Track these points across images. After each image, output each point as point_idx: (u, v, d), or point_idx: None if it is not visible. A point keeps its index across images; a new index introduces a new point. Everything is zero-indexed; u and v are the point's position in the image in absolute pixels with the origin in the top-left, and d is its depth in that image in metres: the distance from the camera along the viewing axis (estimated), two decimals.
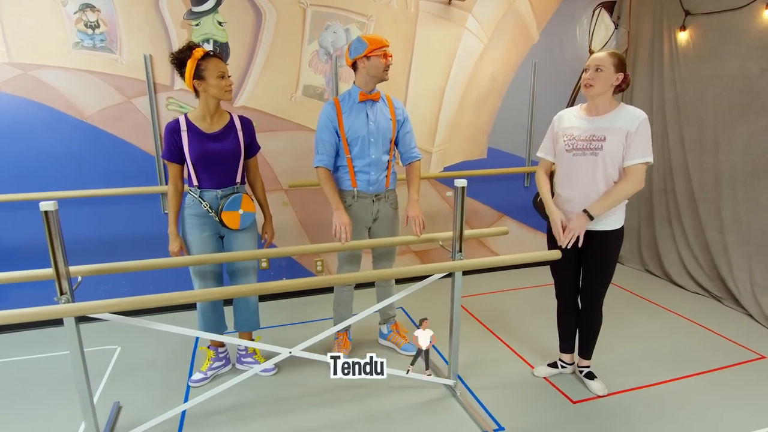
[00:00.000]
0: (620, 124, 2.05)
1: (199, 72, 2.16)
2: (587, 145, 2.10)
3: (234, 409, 2.27)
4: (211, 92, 2.19)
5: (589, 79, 2.07)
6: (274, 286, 1.87)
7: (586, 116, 2.15)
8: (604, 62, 2.05)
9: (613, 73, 2.05)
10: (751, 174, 3.17)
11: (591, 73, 2.07)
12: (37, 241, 3.00)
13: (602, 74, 2.05)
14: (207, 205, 2.28)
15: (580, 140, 2.12)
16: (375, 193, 2.50)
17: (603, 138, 2.07)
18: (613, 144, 2.05)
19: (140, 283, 3.24)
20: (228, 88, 2.22)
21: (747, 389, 2.40)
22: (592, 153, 2.09)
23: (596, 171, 2.10)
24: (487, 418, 2.19)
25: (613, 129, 2.06)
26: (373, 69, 2.33)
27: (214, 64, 2.17)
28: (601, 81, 2.05)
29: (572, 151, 2.14)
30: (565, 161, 2.18)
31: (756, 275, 3.15)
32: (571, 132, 2.15)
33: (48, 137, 2.93)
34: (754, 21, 3.07)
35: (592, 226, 2.16)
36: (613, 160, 2.08)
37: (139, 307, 1.70)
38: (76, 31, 2.85)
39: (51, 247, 1.65)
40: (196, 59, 2.14)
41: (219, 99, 2.23)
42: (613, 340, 2.85)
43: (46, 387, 2.47)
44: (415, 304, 3.36)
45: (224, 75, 2.20)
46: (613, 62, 2.05)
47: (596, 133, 2.09)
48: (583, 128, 2.13)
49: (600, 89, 2.07)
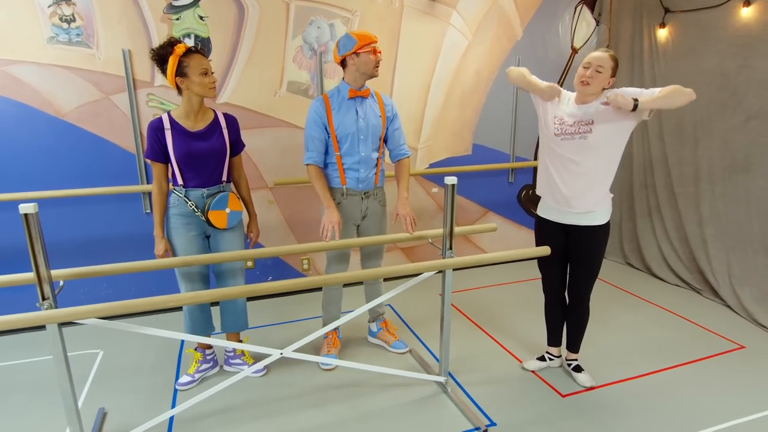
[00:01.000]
0: (607, 108, 2.06)
1: (181, 69, 2.10)
2: (576, 130, 2.12)
3: (224, 412, 2.24)
4: (194, 89, 2.14)
5: (588, 78, 2.08)
6: (263, 288, 1.84)
7: (574, 105, 2.18)
8: (605, 64, 2.07)
9: (609, 76, 2.09)
10: (728, 169, 3.25)
11: (591, 72, 2.08)
12: (12, 243, 2.89)
13: (600, 75, 2.07)
14: (193, 205, 2.23)
15: (569, 125, 2.15)
16: (364, 190, 2.48)
17: (591, 122, 2.09)
18: (601, 127, 2.07)
19: (122, 285, 3.16)
20: (212, 85, 2.17)
21: (729, 379, 2.47)
22: (581, 137, 2.11)
23: (585, 154, 2.11)
24: (478, 414, 2.21)
25: (598, 112, 2.08)
26: (362, 66, 2.31)
27: (197, 61, 2.11)
28: (598, 81, 2.08)
29: (561, 135, 2.16)
30: (552, 146, 2.20)
31: (733, 267, 3.24)
32: (563, 117, 2.17)
33: (22, 135, 2.82)
34: (731, 19, 3.14)
35: (578, 221, 2.19)
36: (602, 143, 2.08)
37: (128, 312, 1.65)
38: (50, 25, 2.75)
39: (32, 251, 1.59)
40: (178, 56, 2.08)
41: (203, 96, 2.18)
42: (598, 333, 2.90)
43: (26, 394, 2.39)
44: (403, 302, 3.36)
45: (207, 72, 2.14)
46: (612, 66, 2.08)
47: (584, 118, 2.11)
48: (573, 114, 2.16)
49: (595, 89, 2.10)
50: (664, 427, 2.12)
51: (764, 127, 3.02)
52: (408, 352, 2.74)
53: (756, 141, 3.07)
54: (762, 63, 2.99)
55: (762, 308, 3.03)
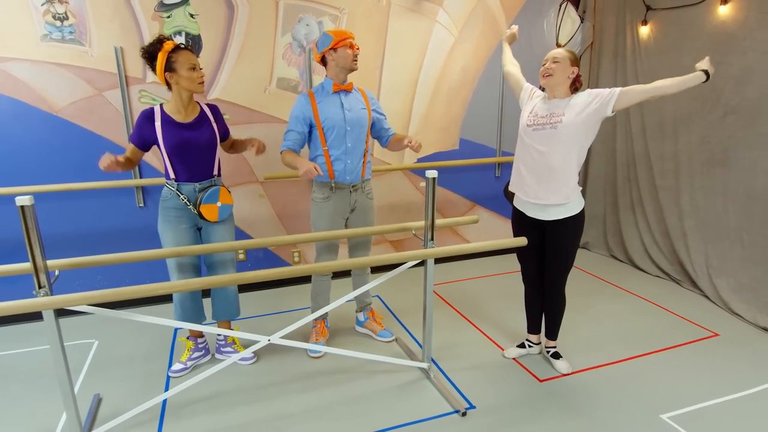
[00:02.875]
0: (577, 101, 2.19)
1: (170, 64, 2.18)
2: (547, 120, 2.23)
3: (215, 398, 2.33)
4: (183, 84, 2.21)
5: (548, 69, 2.20)
6: (252, 275, 1.92)
7: (548, 100, 2.28)
8: (560, 55, 2.20)
9: (569, 65, 2.19)
10: (707, 163, 3.34)
11: (549, 64, 2.21)
12: (8, 236, 2.96)
13: (559, 65, 2.18)
14: (185, 198, 2.31)
15: (541, 116, 2.25)
16: (352, 183, 2.56)
17: (562, 113, 2.20)
18: (572, 116, 2.17)
19: (116, 276, 3.23)
20: (200, 80, 2.25)
21: (701, 364, 2.57)
22: (552, 127, 2.21)
23: (553, 145, 2.21)
24: (459, 398, 2.30)
25: (570, 105, 2.20)
26: (341, 60, 2.40)
27: (185, 57, 2.19)
28: (558, 71, 2.18)
29: (533, 126, 2.27)
30: (523, 137, 2.31)
31: (711, 258, 3.34)
32: (537, 111, 2.29)
33: (17, 131, 2.88)
34: (710, 16, 3.23)
35: (550, 216, 2.28)
36: (571, 134, 2.18)
37: (120, 299, 1.73)
38: (44, 23, 2.81)
39: (28, 241, 1.66)
40: (167, 52, 2.16)
41: (191, 91, 2.26)
42: (578, 322, 3.00)
43: (23, 382, 2.47)
44: (391, 293, 3.45)
45: (195, 67, 2.23)
46: (569, 56, 2.20)
47: (555, 111, 2.22)
48: (544, 107, 2.27)
49: (558, 79, 2.19)
50: (633, 408, 2.22)
51: (741, 123, 3.11)
52: (394, 341, 2.83)
53: (733, 136, 3.16)
54: (738, 60, 3.08)
55: (738, 297, 3.14)
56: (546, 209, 2.30)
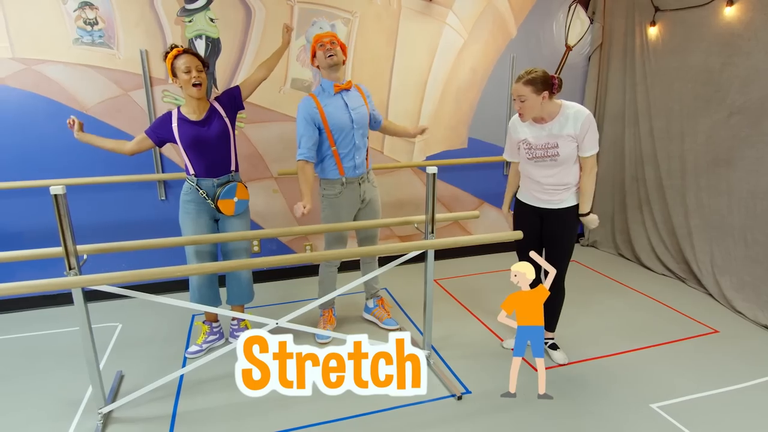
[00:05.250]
0: (568, 130, 2.26)
1: (173, 70, 2.36)
2: (545, 153, 2.32)
3: (227, 377, 2.49)
4: (182, 86, 2.38)
5: (519, 110, 2.28)
6: (263, 261, 2.07)
7: (536, 125, 2.35)
8: (524, 92, 2.20)
9: (536, 97, 2.20)
10: (712, 162, 3.38)
11: (518, 104, 2.25)
12: (41, 226, 3.19)
13: (527, 102, 2.22)
14: (204, 193, 2.49)
15: (538, 148, 2.34)
16: (360, 175, 2.69)
17: (556, 144, 2.29)
18: (566, 148, 2.28)
19: (138, 266, 3.40)
20: (193, 81, 2.33)
21: (697, 358, 2.63)
22: (552, 159, 2.32)
23: (558, 172, 2.34)
24: (456, 384, 2.42)
25: (562, 136, 2.27)
26: (321, 61, 2.56)
27: (182, 60, 2.33)
28: (528, 108, 2.23)
29: (533, 159, 2.37)
30: (529, 167, 2.42)
31: (716, 257, 3.38)
32: (528, 141, 2.37)
33: (51, 128, 3.11)
34: (716, 17, 3.26)
35: (549, 206, 2.39)
36: (569, 160, 2.32)
37: (141, 279, 1.91)
38: (75, 27, 3.02)
39: (60, 227, 1.85)
40: (171, 58, 2.34)
41: (187, 93, 2.38)
42: (579, 316, 3.08)
43: (54, 359, 2.68)
44: (399, 285, 3.58)
45: (190, 69, 2.32)
46: (532, 89, 2.18)
47: (549, 141, 2.30)
48: (537, 136, 2.34)
49: (531, 114, 2.26)
50: (624, 397, 2.30)
51: (745, 122, 3.14)
52: (398, 330, 2.96)
53: (737, 135, 3.19)
54: (743, 60, 3.11)
55: (740, 295, 3.17)
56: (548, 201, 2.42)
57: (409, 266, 2.84)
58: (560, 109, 2.28)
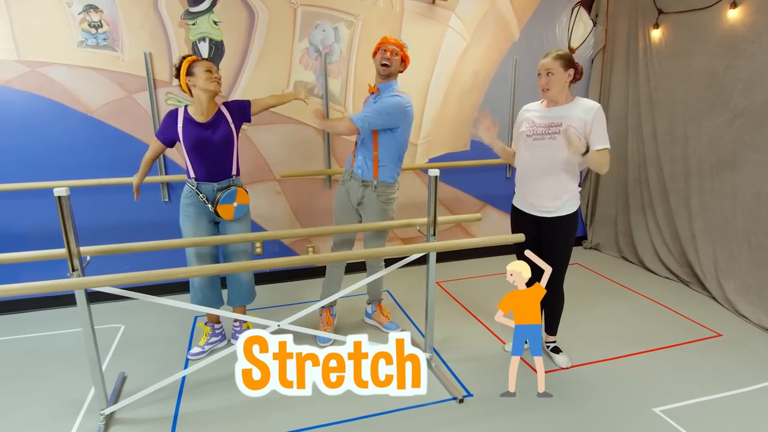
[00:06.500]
0: (578, 114, 2.27)
1: (190, 70, 2.40)
2: (546, 131, 2.32)
3: (229, 378, 2.48)
4: (200, 85, 2.40)
5: (545, 84, 2.28)
6: (264, 263, 2.08)
7: (545, 108, 2.37)
8: (553, 66, 2.25)
9: (563, 72, 2.26)
10: (715, 165, 3.37)
11: (544, 78, 2.27)
12: (44, 227, 3.21)
13: (554, 77, 2.26)
14: (204, 197, 2.50)
15: (540, 126, 2.34)
16: (362, 178, 2.69)
17: (560, 124, 2.28)
18: (569, 124, 2.25)
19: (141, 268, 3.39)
20: (212, 79, 2.42)
21: (700, 362, 2.62)
22: (551, 137, 2.30)
23: (554, 154, 2.31)
24: (458, 386, 2.42)
25: (569, 117, 2.27)
26: (376, 64, 2.65)
27: (202, 63, 2.42)
28: (555, 83, 2.26)
29: (533, 135, 2.36)
30: (526, 147, 2.40)
31: (719, 260, 3.36)
32: (533, 119, 2.38)
33: (55, 130, 3.13)
34: (719, 20, 3.25)
35: (548, 214, 2.38)
36: (563, 149, 2.27)
37: (144, 281, 1.92)
38: (80, 30, 3.04)
39: (64, 229, 1.86)
40: (189, 62, 2.41)
41: (206, 90, 2.42)
42: (581, 319, 3.07)
43: (57, 360, 2.69)
44: (401, 288, 3.57)
45: (211, 70, 2.42)
46: (561, 63, 2.25)
47: (554, 121, 2.31)
48: (543, 116, 2.35)
49: (556, 90, 2.28)
50: (626, 401, 2.29)
51: (749, 125, 3.13)
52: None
53: (741, 138, 3.18)
54: (747, 63, 3.11)
55: (744, 299, 3.16)
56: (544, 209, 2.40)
57: (411, 268, 2.84)
58: (573, 100, 2.32)
